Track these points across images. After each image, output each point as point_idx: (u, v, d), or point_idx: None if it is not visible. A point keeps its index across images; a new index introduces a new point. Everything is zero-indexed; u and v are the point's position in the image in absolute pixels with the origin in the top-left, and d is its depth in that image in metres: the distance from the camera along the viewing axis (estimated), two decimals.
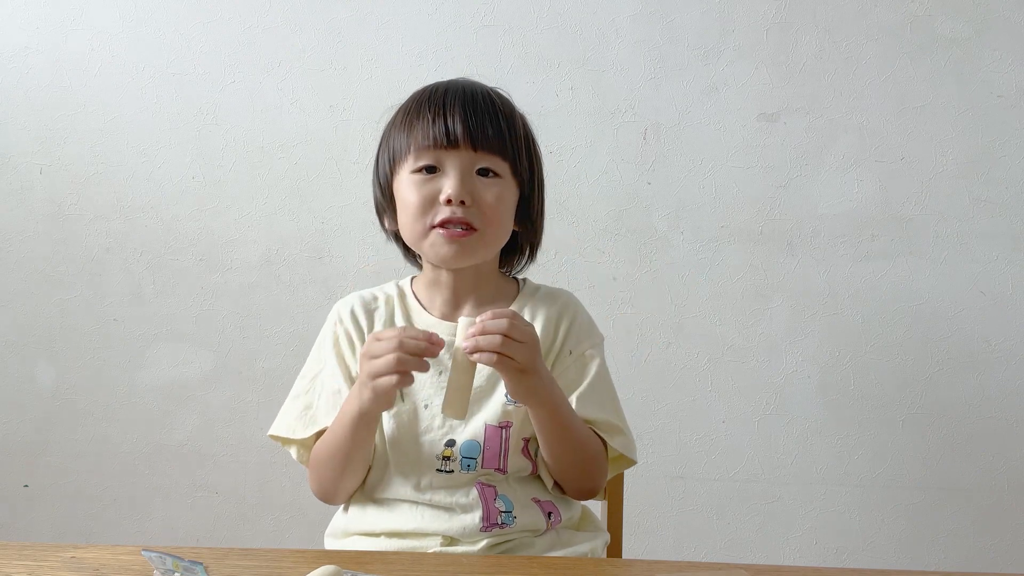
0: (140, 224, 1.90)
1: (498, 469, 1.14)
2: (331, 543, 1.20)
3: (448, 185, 1.10)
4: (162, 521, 1.93)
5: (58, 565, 0.94)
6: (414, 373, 1.03)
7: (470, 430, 1.13)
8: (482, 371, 1.12)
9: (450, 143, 1.11)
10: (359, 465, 1.14)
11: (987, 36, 1.81)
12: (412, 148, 1.12)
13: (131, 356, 1.92)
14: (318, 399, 1.18)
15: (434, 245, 1.13)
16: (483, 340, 1.01)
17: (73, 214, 1.91)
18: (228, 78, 1.88)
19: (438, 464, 1.13)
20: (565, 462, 1.14)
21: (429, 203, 1.11)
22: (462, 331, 1.03)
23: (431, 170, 1.12)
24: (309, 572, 0.86)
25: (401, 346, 1.01)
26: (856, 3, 1.82)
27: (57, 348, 1.93)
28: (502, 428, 1.14)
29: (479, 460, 1.13)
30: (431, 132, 1.11)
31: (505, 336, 1.02)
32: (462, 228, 1.11)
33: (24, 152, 1.91)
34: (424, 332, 1.03)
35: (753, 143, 1.84)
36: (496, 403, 1.14)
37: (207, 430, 1.92)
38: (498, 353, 1.01)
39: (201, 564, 0.88)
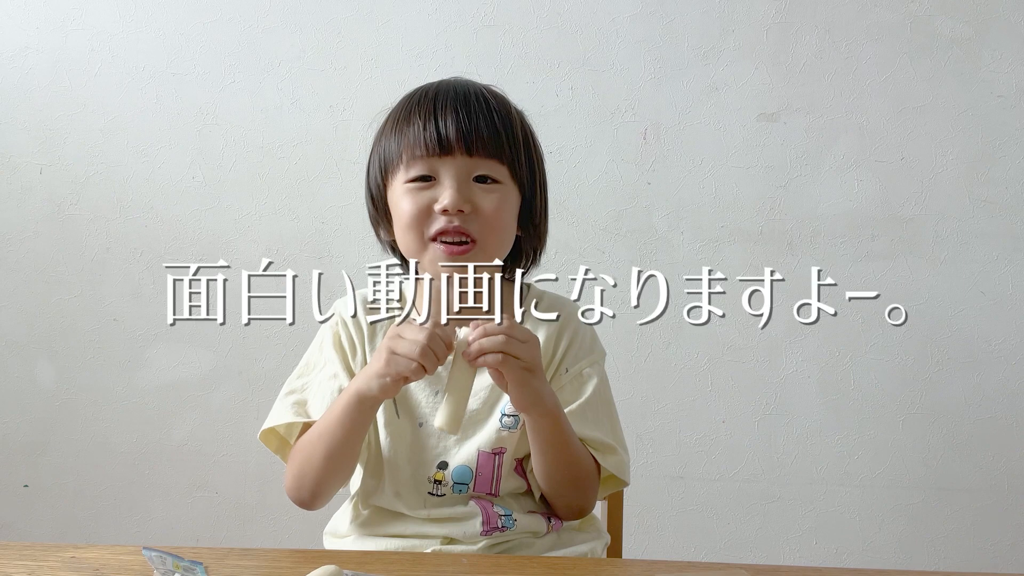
0: (140, 224, 1.90)
1: (490, 494, 1.12)
2: (330, 542, 1.20)
3: (444, 194, 1.04)
4: (162, 521, 1.93)
5: (58, 565, 0.94)
6: (413, 386, 1.03)
7: (463, 455, 1.10)
8: (478, 394, 1.10)
9: (443, 150, 1.05)
10: (345, 459, 1.09)
11: (987, 36, 1.81)
12: (404, 157, 1.06)
13: (131, 356, 1.92)
14: (313, 397, 1.14)
15: (433, 260, 1.07)
16: (487, 342, 0.98)
17: (73, 214, 1.91)
18: (228, 78, 1.88)
19: (429, 487, 1.10)
20: (559, 478, 1.10)
21: (425, 213, 1.06)
22: (459, 348, 1.00)
23: (425, 179, 1.06)
24: (309, 572, 0.86)
25: (430, 339, 0.98)
26: (856, 3, 1.82)
27: (57, 348, 1.93)
28: (495, 455, 1.11)
29: (471, 486, 1.10)
30: (422, 139, 1.05)
31: (507, 336, 0.99)
32: (461, 243, 1.06)
33: (24, 152, 1.91)
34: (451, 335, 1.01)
35: (753, 143, 1.84)
36: (491, 429, 1.11)
37: (207, 430, 1.92)
38: (503, 353, 0.98)
39: (201, 564, 0.88)
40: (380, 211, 1.14)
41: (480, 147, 1.06)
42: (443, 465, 1.11)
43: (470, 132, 1.05)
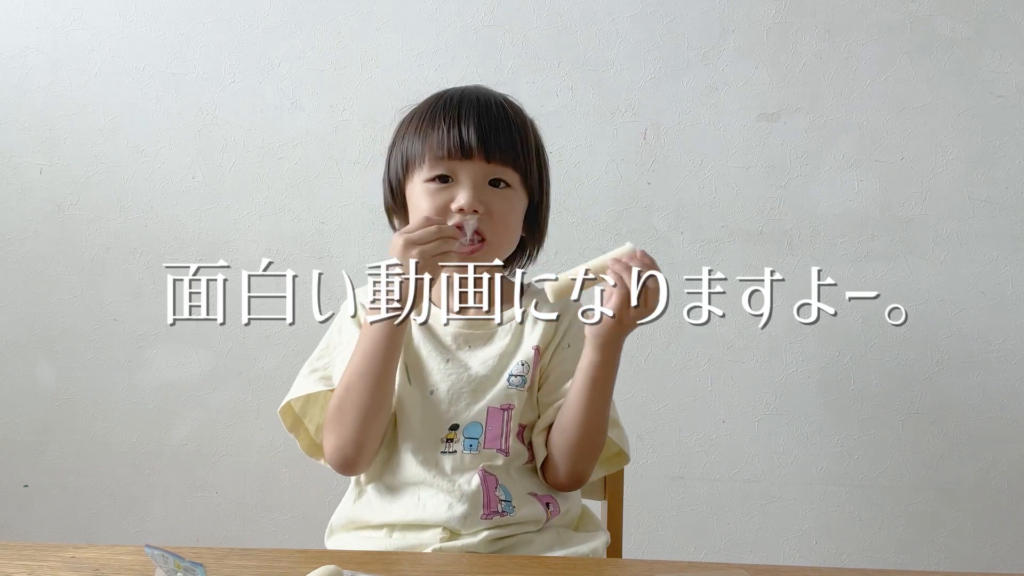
0: (140, 224, 1.90)
1: (500, 450, 1.16)
2: (330, 541, 1.20)
3: (462, 195, 1.13)
4: (162, 521, 1.93)
5: (58, 565, 0.94)
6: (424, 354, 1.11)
7: (473, 414, 1.16)
8: (487, 362, 1.17)
9: (464, 153, 1.14)
10: (382, 399, 1.12)
11: (987, 36, 1.81)
12: (426, 157, 1.15)
13: (131, 356, 1.92)
14: (337, 371, 1.18)
15: None
16: (650, 265, 1.07)
17: (73, 214, 1.91)
18: (228, 78, 1.88)
19: (442, 447, 1.15)
20: (581, 432, 1.15)
21: (442, 212, 1.14)
22: (622, 252, 1.08)
23: (444, 179, 1.15)
24: (309, 572, 0.86)
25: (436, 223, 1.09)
26: (856, 3, 1.82)
27: (57, 348, 1.93)
28: (504, 410, 1.16)
29: (481, 440, 1.15)
30: (446, 142, 1.14)
31: (637, 296, 1.06)
32: (473, 241, 1.14)
33: (24, 152, 1.91)
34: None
35: (753, 143, 1.84)
36: (499, 388, 1.17)
37: (207, 430, 1.92)
38: (624, 300, 1.06)
39: (201, 566, 0.88)
40: (398, 203, 1.22)
41: (497, 153, 1.15)
42: (454, 427, 1.16)
43: (489, 139, 1.14)
